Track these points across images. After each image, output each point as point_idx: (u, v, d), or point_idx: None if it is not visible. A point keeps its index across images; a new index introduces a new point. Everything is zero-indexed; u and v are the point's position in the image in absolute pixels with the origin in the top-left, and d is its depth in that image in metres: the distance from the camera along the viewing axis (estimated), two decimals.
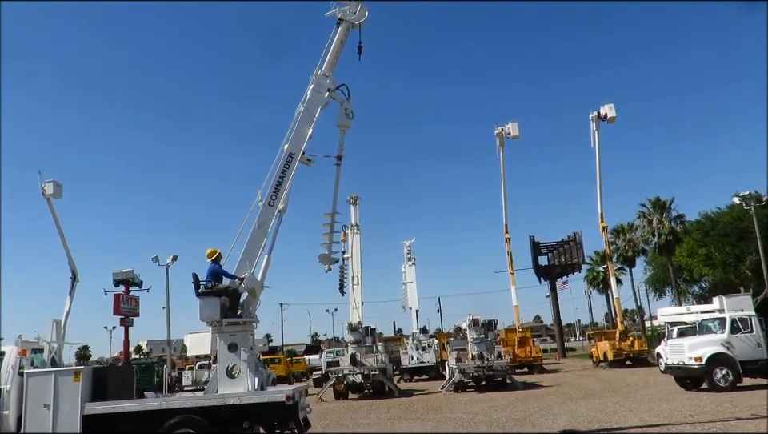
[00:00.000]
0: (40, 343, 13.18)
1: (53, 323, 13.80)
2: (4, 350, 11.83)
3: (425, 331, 38.84)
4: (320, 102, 13.31)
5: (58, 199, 17.31)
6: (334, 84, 13.55)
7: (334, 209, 13.94)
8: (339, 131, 13.99)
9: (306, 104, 13.18)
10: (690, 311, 30.01)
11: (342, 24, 13.55)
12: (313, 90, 13.27)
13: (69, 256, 16.98)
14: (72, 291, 16.73)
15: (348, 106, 13.85)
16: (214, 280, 11.88)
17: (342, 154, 13.98)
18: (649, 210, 48.87)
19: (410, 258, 39.13)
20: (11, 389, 11.14)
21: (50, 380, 10.90)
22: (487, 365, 23.85)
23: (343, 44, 13.69)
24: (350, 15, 13.56)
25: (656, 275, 59.15)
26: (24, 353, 11.75)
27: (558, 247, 52.73)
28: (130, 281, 30.96)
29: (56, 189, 17.32)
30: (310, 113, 13.12)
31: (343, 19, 13.55)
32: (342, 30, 13.56)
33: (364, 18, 13.66)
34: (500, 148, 38.61)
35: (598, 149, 35.31)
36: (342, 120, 13.83)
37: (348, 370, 24.50)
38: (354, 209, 30.66)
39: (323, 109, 13.47)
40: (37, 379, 10.99)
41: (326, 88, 13.39)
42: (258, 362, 12.14)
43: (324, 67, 13.45)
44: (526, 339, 36.48)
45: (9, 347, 11.83)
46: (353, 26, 13.64)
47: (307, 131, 13.02)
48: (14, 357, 11.49)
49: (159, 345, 77.32)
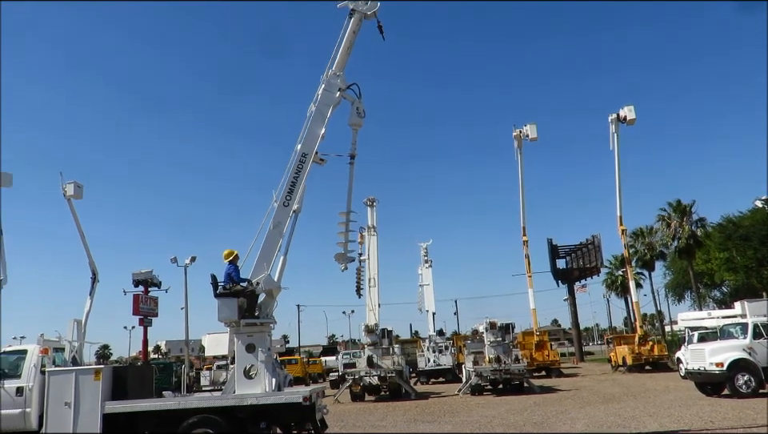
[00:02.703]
0: (61, 342, 13.38)
1: (74, 323, 13.99)
2: (26, 348, 12.02)
3: (441, 334, 38.75)
4: (331, 101, 13.36)
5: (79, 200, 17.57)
6: (344, 83, 13.59)
7: (348, 208, 14.00)
8: (351, 130, 14.05)
9: (317, 104, 13.24)
10: (711, 315, 29.63)
11: (355, 15, 13.63)
12: (324, 89, 13.31)
13: (89, 256, 17.21)
14: (92, 291, 16.96)
15: (359, 104, 13.88)
16: (231, 282, 11.98)
17: (355, 153, 14.02)
18: (669, 214, 48.30)
19: (427, 260, 39.08)
20: (33, 387, 11.32)
21: (71, 379, 11.04)
22: (504, 368, 23.71)
23: (356, 35, 13.73)
24: (362, 6, 13.64)
25: (676, 279, 58.43)
26: (46, 352, 11.94)
27: (577, 250, 52.31)
28: (149, 281, 31.23)
29: (77, 190, 17.57)
30: (322, 113, 13.18)
31: (355, 10, 13.63)
32: (355, 20, 13.62)
33: (376, 7, 13.71)
34: (518, 150, 38.46)
35: (617, 151, 35.02)
36: (354, 119, 13.87)
37: (365, 372, 24.50)
38: (370, 211, 30.70)
39: (335, 108, 13.54)
40: (58, 378, 11.14)
41: (337, 87, 13.43)
42: (275, 363, 12.19)
43: (335, 66, 13.51)
44: (543, 343, 36.22)
45: (31, 346, 12.03)
46: (365, 16, 13.70)
47: (319, 131, 13.08)
48: (36, 356, 11.68)
49: (177, 345, 77.92)
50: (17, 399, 11.25)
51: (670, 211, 48.32)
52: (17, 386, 11.37)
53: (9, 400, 11.23)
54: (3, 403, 11.21)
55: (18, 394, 11.29)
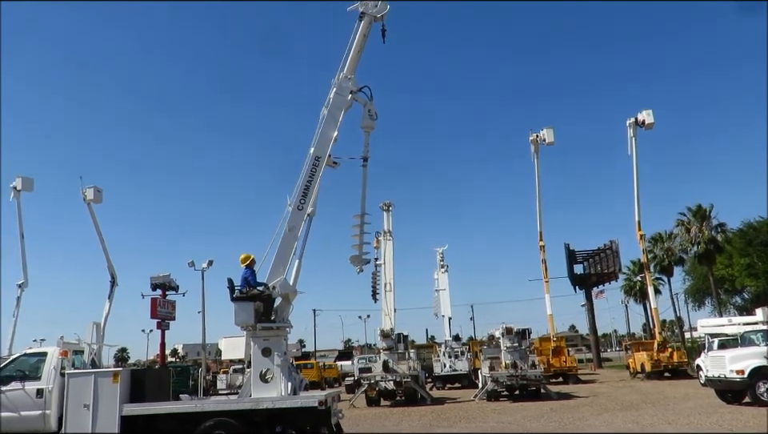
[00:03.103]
0: (81, 344, 13.54)
1: (93, 326, 14.18)
2: (47, 351, 12.19)
3: (458, 339, 38.56)
4: (343, 104, 13.46)
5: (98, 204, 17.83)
6: (356, 86, 13.69)
7: (362, 210, 14.09)
8: (364, 133, 14.11)
9: (329, 107, 13.35)
10: (732, 322, 29.23)
11: (365, 18, 13.72)
12: (335, 93, 13.42)
13: (108, 260, 17.47)
14: (111, 294, 17.21)
15: (371, 107, 13.97)
16: (247, 286, 12.06)
17: (368, 156, 14.13)
18: (688, 219, 47.76)
19: (443, 265, 38.93)
20: (53, 389, 11.46)
21: (90, 381, 11.17)
22: (521, 374, 23.55)
23: (366, 38, 13.84)
24: (372, 8, 13.74)
25: (696, 284, 57.71)
26: (65, 354, 12.09)
27: (594, 255, 51.85)
28: (167, 285, 31.43)
29: (96, 194, 17.87)
30: (334, 116, 13.30)
31: (365, 13, 13.72)
32: (365, 23, 13.73)
33: (386, 10, 13.84)
34: (534, 155, 38.20)
35: (635, 156, 34.68)
36: (366, 121, 13.96)
37: (380, 377, 24.46)
38: (386, 216, 30.70)
39: (347, 111, 13.62)
40: (77, 380, 11.28)
41: (349, 90, 13.53)
42: (291, 367, 12.24)
43: (345, 69, 13.61)
44: (560, 349, 35.90)
45: (51, 349, 12.19)
46: (375, 19, 13.77)
47: (332, 134, 13.16)
48: (56, 358, 11.82)
49: (194, 349, 78.27)
50: (37, 401, 11.40)
51: (689, 216, 47.79)
52: (37, 388, 11.52)
53: (29, 402, 11.38)
54: (24, 405, 11.37)
55: (38, 396, 11.44)
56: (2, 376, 11.71)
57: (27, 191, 23.15)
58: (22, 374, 11.78)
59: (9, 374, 11.81)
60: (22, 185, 22.77)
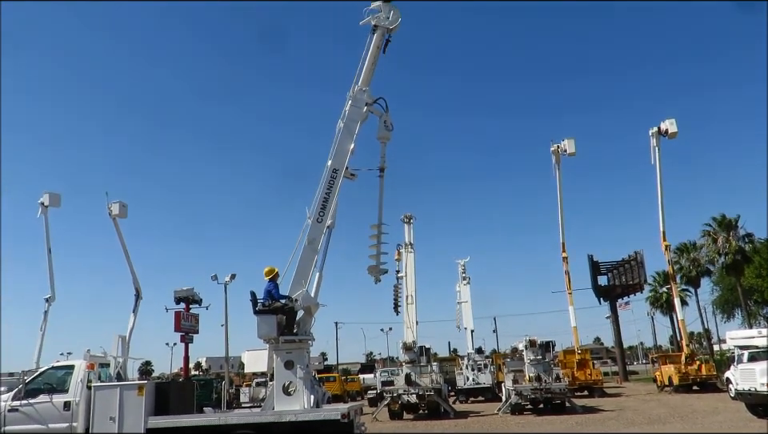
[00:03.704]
0: (107, 357, 13.71)
1: (118, 339, 14.35)
2: (74, 364, 12.36)
3: (480, 352, 38.27)
4: (359, 116, 13.56)
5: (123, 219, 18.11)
6: (371, 98, 13.79)
7: (379, 220, 14.13)
8: (380, 144, 14.18)
9: (345, 120, 13.45)
10: (762, 334, 28.45)
11: (378, 30, 13.82)
12: (351, 105, 13.53)
13: (133, 274, 17.67)
14: (135, 308, 17.38)
15: (387, 118, 14.05)
16: (271, 299, 12.12)
17: (384, 166, 14.19)
18: (714, 229, 47.01)
19: (465, 277, 38.76)
20: (80, 402, 11.62)
21: (116, 394, 11.32)
22: (545, 387, 23.25)
23: (380, 50, 13.94)
24: (384, 21, 13.84)
25: (724, 296, 56.60)
26: (92, 367, 12.26)
27: (619, 266, 51.20)
28: (191, 299, 31.70)
29: (122, 209, 18.13)
30: (350, 128, 13.40)
31: (378, 25, 13.81)
32: (378, 36, 13.85)
33: (397, 22, 13.92)
34: (556, 166, 37.95)
35: (658, 165, 34.23)
36: (382, 132, 14.04)
37: (403, 390, 24.34)
38: (408, 228, 30.64)
39: (363, 123, 13.72)
40: (103, 393, 11.43)
41: (364, 102, 13.64)
42: (313, 380, 12.25)
43: (360, 81, 13.72)
44: (585, 362, 35.42)
45: (78, 362, 12.37)
46: (387, 30, 13.86)
47: (349, 146, 13.26)
48: (83, 371, 11.99)
49: (218, 362, 78.83)
50: (64, 414, 11.57)
51: (715, 227, 47.04)
52: (64, 400, 11.69)
53: (57, 414, 11.55)
54: (51, 418, 11.54)
55: (65, 408, 11.61)
56: (31, 389, 11.91)
57: (54, 207, 23.57)
58: (50, 387, 11.98)
59: (37, 387, 12.01)
60: (49, 201, 23.20)
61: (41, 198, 23.24)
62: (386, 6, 13.87)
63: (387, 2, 13.90)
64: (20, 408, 11.61)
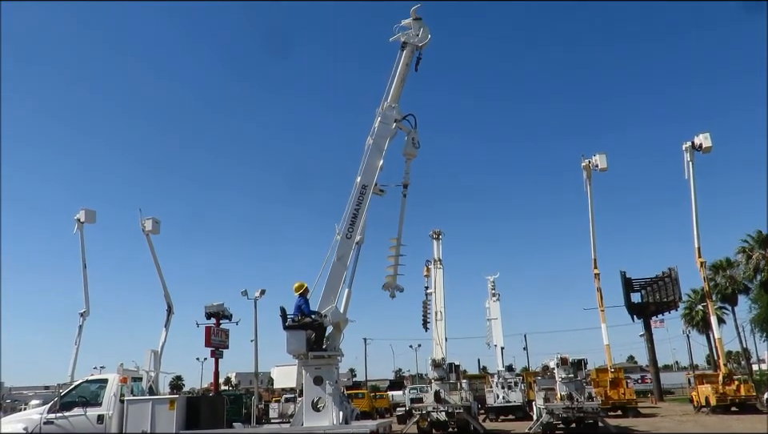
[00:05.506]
0: (139, 372, 13.91)
1: (150, 353, 14.54)
2: (107, 378, 12.56)
3: (511, 369, 37.76)
4: (388, 133, 13.61)
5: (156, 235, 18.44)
6: (400, 114, 13.84)
7: (399, 236, 14.06)
8: (405, 160, 14.17)
9: (374, 136, 13.52)
10: None
11: (407, 47, 13.88)
12: (380, 122, 13.59)
13: (165, 290, 17.96)
14: (167, 322, 17.64)
15: (415, 135, 14.06)
16: (301, 314, 12.17)
17: (408, 183, 14.13)
18: (750, 245, 45.82)
19: (495, 293, 38.42)
20: (113, 415, 11.79)
21: (148, 408, 11.48)
22: (577, 406, 22.80)
23: (408, 67, 13.97)
24: (414, 38, 13.89)
25: (762, 313, 54.92)
26: (125, 381, 12.44)
27: (652, 283, 50.21)
28: (221, 314, 32.00)
29: (155, 225, 18.50)
30: (379, 145, 13.47)
31: (407, 42, 13.87)
32: (407, 53, 13.90)
33: (427, 39, 13.98)
34: (587, 181, 37.47)
35: (692, 180, 33.58)
36: (409, 149, 14.03)
37: (432, 407, 24.12)
38: (436, 244, 30.53)
39: (392, 140, 13.74)
40: (136, 407, 11.59)
41: (393, 119, 13.68)
42: (342, 396, 12.23)
43: (390, 98, 13.78)
44: (618, 380, 34.69)
45: (111, 375, 12.57)
46: (416, 47, 13.91)
47: (378, 163, 13.31)
48: (116, 385, 12.18)
49: (247, 377, 79.24)
50: (97, 427, 11.75)
51: (751, 243, 45.86)
52: (98, 414, 11.87)
53: (90, 427, 11.74)
54: (85, 430, 11.72)
55: (98, 421, 11.79)
56: (65, 402, 12.13)
57: (90, 223, 24.11)
58: (84, 400, 12.18)
59: (71, 400, 12.23)
60: (85, 217, 23.76)
61: (77, 214, 23.79)
62: (416, 23, 13.97)
63: (418, 20, 14.00)
64: (55, 421, 11.84)
